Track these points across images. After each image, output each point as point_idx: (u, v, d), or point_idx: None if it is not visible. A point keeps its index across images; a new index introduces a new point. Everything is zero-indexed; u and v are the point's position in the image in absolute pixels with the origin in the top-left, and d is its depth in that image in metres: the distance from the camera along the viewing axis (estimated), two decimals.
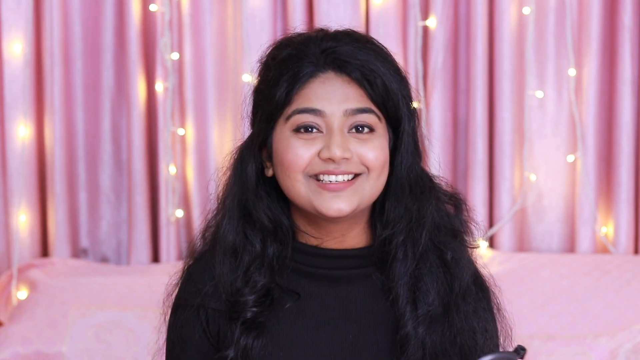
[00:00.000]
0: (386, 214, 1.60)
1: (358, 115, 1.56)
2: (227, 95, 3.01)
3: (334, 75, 1.57)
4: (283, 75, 1.57)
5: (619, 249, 2.92)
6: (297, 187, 1.56)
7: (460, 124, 3.00)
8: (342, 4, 2.95)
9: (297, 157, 1.55)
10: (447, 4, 2.93)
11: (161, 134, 2.98)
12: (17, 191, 2.98)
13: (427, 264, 1.60)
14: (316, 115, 1.55)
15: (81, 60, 3.05)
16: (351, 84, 1.56)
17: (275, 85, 1.57)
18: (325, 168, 1.54)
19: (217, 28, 2.99)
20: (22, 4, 2.97)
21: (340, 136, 1.54)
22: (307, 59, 1.57)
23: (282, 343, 1.57)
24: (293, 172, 1.55)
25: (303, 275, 1.62)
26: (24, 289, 2.89)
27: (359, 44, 1.58)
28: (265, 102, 1.59)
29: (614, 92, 2.92)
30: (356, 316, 1.60)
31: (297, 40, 1.60)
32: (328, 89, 1.56)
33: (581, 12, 2.92)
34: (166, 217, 3.00)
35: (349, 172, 1.55)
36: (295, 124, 1.56)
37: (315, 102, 1.55)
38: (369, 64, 1.56)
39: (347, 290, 1.61)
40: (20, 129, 2.97)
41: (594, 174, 2.94)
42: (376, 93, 1.56)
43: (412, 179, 1.60)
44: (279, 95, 1.56)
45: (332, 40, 1.58)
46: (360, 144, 1.56)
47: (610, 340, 2.62)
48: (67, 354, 2.69)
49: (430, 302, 1.58)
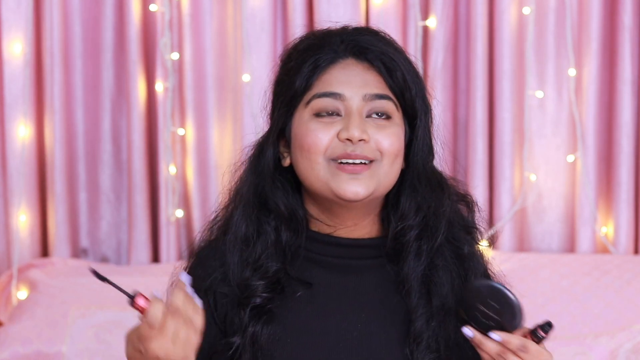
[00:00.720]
0: (401, 207, 1.61)
1: (376, 101, 1.58)
2: (227, 95, 3.01)
3: (354, 61, 1.60)
4: (304, 63, 1.60)
5: (619, 249, 2.92)
6: (316, 170, 1.57)
7: (460, 124, 3.00)
8: (342, 4, 2.95)
9: (317, 139, 1.57)
10: (447, 4, 2.93)
11: (161, 134, 2.98)
12: (17, 191, 2.98)
13: (441, 258, 1.61)
14: (336, 99, 1.58)
15: (81, 60, 3.05)
16: (371, 70, 1.59)
17: (297, 73, 1.60)
18: (344, 151, 1.56)
19: (217, 28, 2.99)
20: (22, 4, 2.97)
21: (359, 118, 1.57)
22: (328, 46, 1.60)
23: (291, 330, 1.58)
24: (314, 155, 1.57)
25: (314, 263, 1.62)
26: (24, 289, 2.89)
27: (378, 37, 1.62)
28: (286, 90, 1.61)
29: (614, 92, 2.92)
30: (366, 306, 1.60)
31: (319, 32, 1.64)
32: (348, 74, 1.59)
33: (581, 12, 2.92)
34: (166, 217, 3.00)
35: (365, 156, 1.56)
36: (316, 108, 1.58)
37: (335, 86, 1.58)
38: (389, 53, 1.59)
39: (357, 280, 1.62)
40: (20, 129, 2.97)
41: (594, 174, 2.94)
42: (395, 82, 1.59)
43: (428, 172, 1.63)
44: (299, 82, 1.59)
45: (353, 31, 1.62)
46: (377, 130, 1.58)
47: (610, 340, 2.62)
48: (67, 354, 2.69)
49: (445, 295, 1.59)
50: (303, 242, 1.62)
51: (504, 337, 1.48)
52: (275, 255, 1.61)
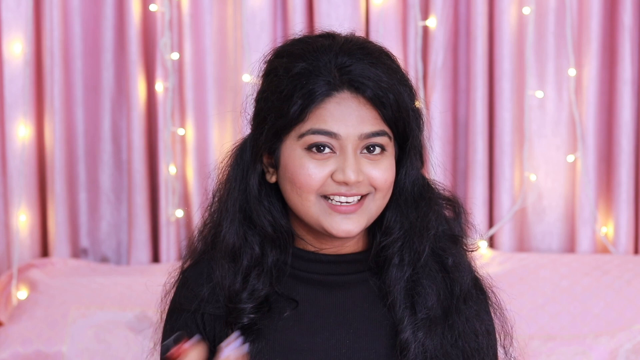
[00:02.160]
0: (386, 221, 1.61)
1: (372, 138, 1.56)
2: (227, 95, 3.01)
3: (349, 95, 1.55)
4: (296, 92, 1.55)
5: (619, 249, 2.92)
6: (307, 206, 1.56)
7: (460, 124, 3.00)
8: (342, 4, 2.95)
9: (310, 178, 1.55)
10: (447, 4, 2.93)
11: (161, 134, 2.98)
12: (17, 191, 2.98)
13: (425, 269, 1.60)
14: (331, 137, 1.55)
15: (81, 60, 3.05)
16: (366, 105, 1.55)
17: (288, 101, 1.55)
18: (338, 190, 1.54)
19: (217, 28, 2.99)
20: (22, 4, 2.97)
21: (354, 159, 1.55)
22: (322, 76, 1.55)
23: (279, 348, 1.58)
24: (305, 193, 1.55)
25: (300, 280, 1.62)
26: (24, 289, 2.89)
27: (372, 59, 1.57)
28: (276, 115, 1.57)
29: (614, 92, 2.92)
30: (353, 321, 1.60)
31: (309, 50, 1.58)
32: (344, 111, 1.55)
33: (581, 12, 2.92)
34: (166, 217, 3.00)
35: (359, 194, 1.55)
36: (309, 143, 1.55)
37: (330, 123, 1.54)
38: (383, 83, 1.55)
39: (344, 296, 1.61)
40: (20, 129, 2.97)
41: (594, 174, 2.94)
42: (389, 113, 1.56)
43: (415, 191, 1.61)
44: (292, 111, 1.54)
45: (346, 55, 1.56)
46: (371, 165, 1.56)
47: (610, 340, 2.62)
48: (67, 354, 2.69)
49: (430, 306, 1.58)
50: (289, 260, 1.62)
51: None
52: (262, 274, 1.60)
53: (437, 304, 1.58)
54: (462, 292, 1.61)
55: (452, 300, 1.60)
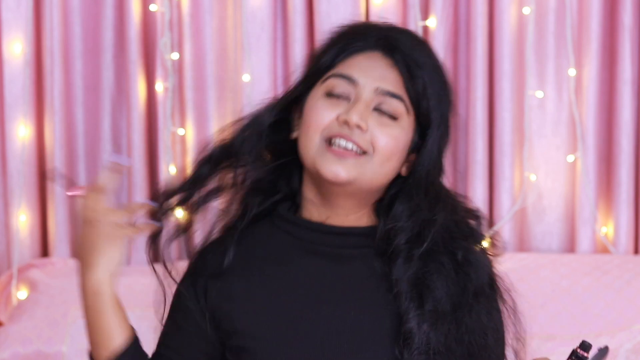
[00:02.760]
0: (394, 210, 1.61)
1: (387, 98, 1.59)
2: (227, 95, 3.01)
3: (380, 55, 1.61)
4: (334, 45, 1.63)
5: (619, 249, 2.92)
6: (309, 146, 1.59)
7: (460, 124, 3.00)
8: (342, 4, 2.95)
9: (319, 117, 1.59)
10: (447, 4, 2.93)
11: (161, 134, 2.98)
12: (17, 191, 2.98)
13: (436, 263, 1.60)
14: (349, 83, 1.59)
15: (81, 60, 3.05)
16: (393, 68, 1.60)
17: (324, 52, 1.63)
18: (339, 131, 1.57)
19: (217, 28, 2.99)
20: (22, 4, 2.97)
21: (363, 106, 1.58)
22: (362, 36, 1.62)
23: (282, 319, 1.58)
24: (311, 131, 1.59)
25: (306, 251, 1.63)
26: (24, 289, 2.89)
27: (418, 42, 1.63)
28: (311, 64, 1.65)
29: (614, 92, 2.92)
30: (358, 295, 1.60)
31: (364, 22, 1.69)
32: (370, 64, 1.60)
33: (581, 12, 2.92)
34: None
35: (357, 143, 1.57)
36: (329, 87, 1.60)
37: (353, 71, 1.60)
38: (418, 60, 1.60)
39: (349, 269, 1.62)
40: (20, 129, 2.97)
41: (594, 174, 2.94)
42: (413, 87, 1.59)
43: (428, 182, 1.62)
44: (324, 60, 1.62)
45: (394, 30, 1.64)
46: (378, 125, 1.58)
47: (610, 340, 2.62)
48: (67, 354, 2.69)
49: (438, 299, 1.58)
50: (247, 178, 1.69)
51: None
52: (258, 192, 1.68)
53: (446, 298, 1.58)
54: (476, 288, 1.61)
55: (463, 296, 1.59)
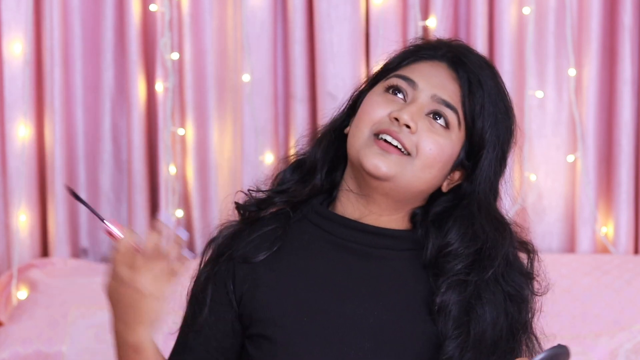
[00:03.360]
0: (452, 230, 1.61)
1: (442, 107, 1.61)
2: (227, 95, 3.01)
3: (445, 67, 1.64)
4: (406, 52, 1.67)
5: (619, 249, 2.92)
6: (358, 137, 1.60)
7: None
8: (342, 4, 2.95)
9: (373, 111, 1.61)
10: (447, 4, 2.93)
11: (161, 134, 2.98)
12: (17, 191, 2.98)
13: (489, 292, 1.60)
14: (408, 84, 1.62)
15: (81, 60, 3.05)
16: (455, 81, 1.62)
17: (395, 58, 1.67)
18: (388, 127, 1.59)
19: (217, 28, 2.99)
20: (22, 4, 2.97)
21: (416, 109, 1.60)
22: (432, 47, 1.66)
23: (306, 309, 1.59)
24: (362, 124, 1.61)
25: (337, 246, 1.63)
26: (24, 289, 2.89)
27: (486, 65, 1.66)
28: (382, 69, 1.69)
29: (614, 92, 2.92)
30: (385, 294, 1.61)
31: (443, 39, 1.70)
32: (432, 72, 1.63)
33: (581, 12, 2.92)
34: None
35: (402, 142, 1.58)
36: (388, 84, 1.63)
37: (414, 74, 1.63)
38: (481, 77, 1.62)
39: (378, 268, 1.62)
40: (20, 129, 2.97)
41: (594, 174, 2.94)
42: (471, 103, 1.61)
43: (486, 206, 1.64)
44: (391, 62, 1.67)
45: (465, 50, 1.66)
46: (426, 130, 1.60)
47: (610, 340, 2.62)
48: (67, 354, 2.69)
49: (484, 330, 1.58)
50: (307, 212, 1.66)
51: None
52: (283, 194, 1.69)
53: (491, 331, 1.58)
54: (519, 325, 1.62)
55: (508, 331, 1.60)
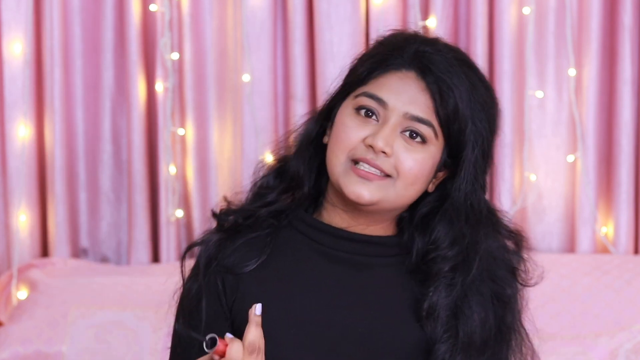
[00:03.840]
0: (435, 234, 1.62)
1: (416, 123, 1.59)
2: (227, 95, 3.01)
3: (414, 76, 1.60)
4: (373, 57, 1.63)
5: (619, 249, 2.92)
6: (335, 164, 1.60)
7: None
8: (342, 4, 2.95)
9: (347, 137, 1.59)
10: (447, 4, 2.93)
11: (161, 134, 2.98)
12: (17, 191, 2.98)
13: (477, 293, 1.61)
14: (379, 104, 1.59)
15: (81, 60, 3.05)
16: (425, 92, 1.59)
17: (362, 63, 1.64)
18: (364, 154, 1.58)
19: (217, 28, 2.99)
20: (22, 4, 2.97)
21: (390, 131, 1.58)
22: (400, 52, 1.62)
23: (295, 320, 1.59)
24: (339, 151, 1.60)
25: (325, 256, 1.63)
26: (24, 289, 2.89)
27: (455, 62, 1.61)
28: (349, 74, 1.66)
29: (614, 92, 2.92)
30: (374, 303, 1.61)
31: (407, 34, 1.66)
32: (401, 86, 1.60)
33: (581, 12, 2.92)
34: (166, 217, 3.00)
35: (381, 168, 1.57)
36: (359, 104, 1.60)
37: (384, 92, 1.60)
38: (450, 81, 1.59)
39: (367, 277, 1.63)
40: (20, 129, 2.97)
41: (594, 174, 2.94)
42: (444, 110, 1.59)
43: (469, 206, 1.62)
44: (360, 72, 1.62)
45: (432, 46, 1.62)
46: (404, 149, 1.58)
47: (610, 340, 2.62)
48: (67, 354, 2.68)
49: (473, 331, 1.59)
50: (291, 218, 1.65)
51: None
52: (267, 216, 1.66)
53: (480, 331, 1.59)
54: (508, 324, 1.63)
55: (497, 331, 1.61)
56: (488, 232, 1.63)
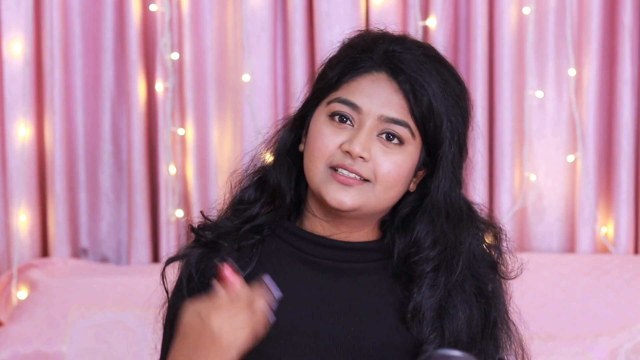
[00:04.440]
0: (416, 234, 1.61)
1: (391, 125, 1.57)
2: (227, 95, 3.01)
3: (385, 78, 1.58)
4: (342, 61, 1.60)
5: (619, 249, 2.92)
6: (314, 173, 1.59)
7: None
8: (342, 4, 2.95)
9: (323, 145, 1.58)
10: (447, 4, 2.93)
11: (161, 134, 2.98)
12: (17, 191, 2.98)
13: (460, 291, 1.60)
14: (353, 109, 1.58)
15: (81, 60, 3.05)
16: (398, 92, 1.57)
17: (332, 68, 1.61)
18: (342, 161, 1.56)
19: (217, 28, 2.99)
20: (22, 4, 2.97)
21: (366, 135, 1.56)
22: (369, 53, 1.59)
23: (284, 330, 1.58)
24: (316, 159, 1.58)
25: (309, 265, 1.63)
26: (24, 289, 2.89)
27: (425, 59, 1.59)
28: (319, 79, 1.63)
29: (614, 92, 2.92)
30: (360, 309, 1.60)
31: (373, 34, 1.63)
32: (374, 89, 1.58)
33: (581, 12, 2.92)
34: (166, 217, 3.00)
35: (359, 173, 1.56)
36: (332, 110, 1.59)
37: (357, 97, 1.58)
38: (422, 79, 1.57)
39: (352, 283, 1.62)
40: (20, 129, 2.97)
41: (594, 174, 2.94)
42: (418, 109, 1.57)
43: (448, 204, 1.61)
44: (330, 77, 1.60)
45: (401, 45, 1.60)
46: (381, 152, 1.57)
47: (610, 340, 2.62)
48: (67, 354, 2.69)
49: (459, 330, 1.59)
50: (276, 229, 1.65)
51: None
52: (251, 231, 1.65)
53: (466, 329, 1.59)
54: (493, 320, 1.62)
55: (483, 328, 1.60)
56: (469, 229, 1.62)
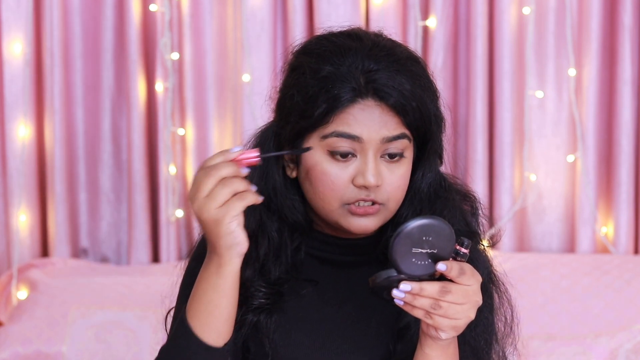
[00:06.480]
0: (397, 218, 1.63)
1: (393, 142, 1.58)
2: (227, 95, 3.01)
3: (373, 103, 1.58)
4: (322, 95, 1.57)
5: (619, 249, 2.92)
6: (327, 210, 1.60)
7: (460, 124, 3.00)
8: (342, 4, 2.95)
9: (333, 185, 1.58)
10: (447, 4, 2.93)
11: (161, 134, 2.98)
12: (17, 191, 2.98)
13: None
14: (353, 140, 1.57)
15: (81, 60, 3.05)
16: (389, 112, 1.58)
17: (313, 103, 1.57)
18: (358, 195, 1.57)
19: (217, 28, 2.99)
20: (22, 4, 2.97)
21: (374, 162, 1.58)
22: (348, 82, 1.57)
23: (291, 317, 1.63)
24: (328, 198, 1.59)
25: (312, 257, 1.67)
26: (24, 289, 2.89)
27: (398, 66, 1.59)
28: (300, 116, 1.59)
29: (614, 92, 2.92)
30: (359, 296, 1.65)
31: (335, 52, 1.60)
32: (367, 116, 1.58)
33: (581, 12, 2.92)
34: (166, 217, 3.00)
35: (376, 201, 1.58)
36: (332, 146, 1.58)
37: (354, 127, 1.57)
38: (406, 92, 1.58)
39: (351, 273, 1.67)
40: (20, 129, 2.97)
41: (594, 174, 2.94)
42: (411, 119, 1.59)
43: (431, 192, 1.65)
44: (317, 114, 1.57)
45: (372, 60, 1.59)
46: (389, 172, 1.59)
47: (610, 340, 2.62)
48: (67, 354, 2.69)
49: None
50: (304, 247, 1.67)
51: (447, 264, 1.46)
52: (278, 262, 1.64)
53: None
54: (484, 276, 1.63)
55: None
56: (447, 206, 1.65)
